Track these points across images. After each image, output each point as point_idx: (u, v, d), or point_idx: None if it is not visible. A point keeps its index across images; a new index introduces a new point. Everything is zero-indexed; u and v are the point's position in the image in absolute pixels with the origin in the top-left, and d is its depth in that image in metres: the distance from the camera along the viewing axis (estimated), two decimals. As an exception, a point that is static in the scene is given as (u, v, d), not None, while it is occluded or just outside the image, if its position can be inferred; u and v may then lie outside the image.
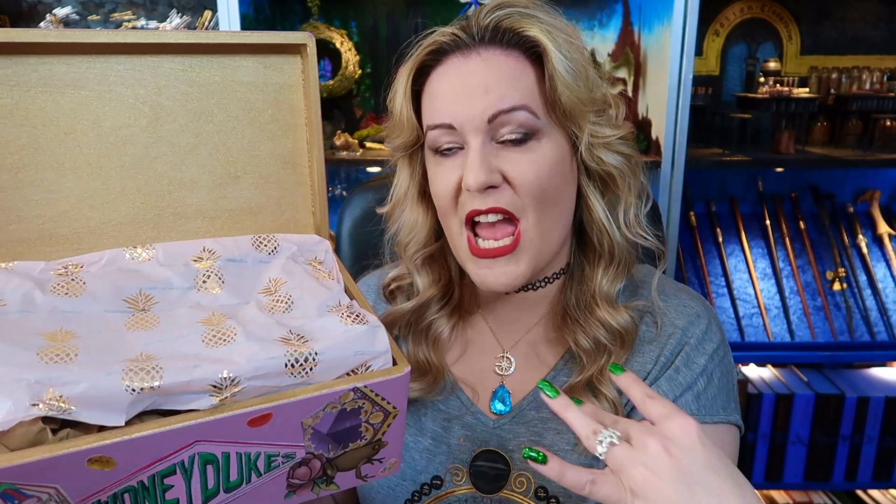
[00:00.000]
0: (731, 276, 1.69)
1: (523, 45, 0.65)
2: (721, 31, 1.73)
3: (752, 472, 1.67)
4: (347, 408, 0.50)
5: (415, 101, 0.69)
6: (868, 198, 1.79)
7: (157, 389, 0.43)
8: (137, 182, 0.57)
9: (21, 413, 0.39)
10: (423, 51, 0.67)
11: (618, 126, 0.68)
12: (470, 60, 0.65)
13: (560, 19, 0.67)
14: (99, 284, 0.53)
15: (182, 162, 0.58)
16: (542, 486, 0.70)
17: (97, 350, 0.45)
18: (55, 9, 1.73)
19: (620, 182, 0.68)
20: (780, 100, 1.54)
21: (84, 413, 0.41)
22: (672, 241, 1.48)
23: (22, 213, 0.53)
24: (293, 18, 1.69)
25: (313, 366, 0.47)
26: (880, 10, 1.71)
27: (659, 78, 1.46)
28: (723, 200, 1.81)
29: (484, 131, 0.64)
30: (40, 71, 0.52)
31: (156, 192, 0.58)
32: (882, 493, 1.75)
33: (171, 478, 0.45)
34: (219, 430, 0.45)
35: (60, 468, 0.40)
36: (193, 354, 0.47)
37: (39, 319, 0.48)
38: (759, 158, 1.56)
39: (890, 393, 1.61)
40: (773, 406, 1.62)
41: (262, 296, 0.56)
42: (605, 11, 1.69)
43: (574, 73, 0.63)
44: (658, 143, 1.46)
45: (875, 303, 1.66)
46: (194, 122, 0.57)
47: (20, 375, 0.41)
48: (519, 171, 0.64)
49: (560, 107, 0.64)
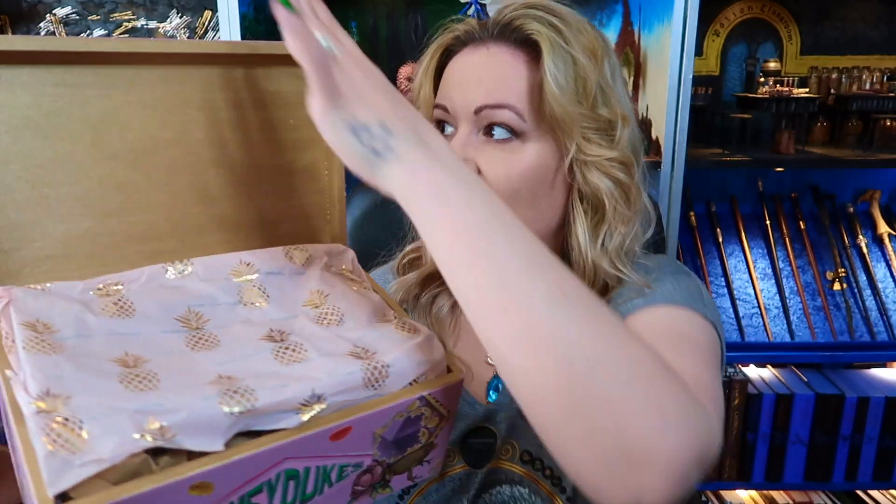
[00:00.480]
0: (731, 276, 1.69)
1: (528, 46, 0.66)
2: (721, 31, 1.73)
3: (752, 472, 1.67)
4: (412, 415, 0.51)
5: (437, 82, 0.73)
6: (868, 198, 1.79)
7: (254, 411, 0.42)
8: (162, 194, 0.56)
9: (129, 446, 0.38)
10: (448, 35, 0.72)
11: (618, 149, 0.67)
12: (478, 52, 0.68)
13: (586, 31, 0.67)
14: (146, 303, 0.51)
15: (206, 173, 0.57)
16: (526, 451, 0.71)
17: (174, 373, 0.45)
18: (55, 9, 1.73)
19: (608, 206, 0.68)
20: (780, 100, 1.54)
21: (186, 440, 0.40)
22: (672, 241, 1.48)
23: (47, 228, 0.51)
24: (293, 18, 1.69)
25: (385, 378, 0.48)
26: (880, 10, 1.71)
27: (659, 78, 1.46)
28: (723, 200, 1.81)
29: (472, 121, 0.66)
30: (67, 80, 0.50)
31: (180, 204, 0.57)
32: (882, 494, 1.75)
33: (258, 496, 0.45)
34: (305, 446, 0.45)
35: (164, 498, 0.39)
36: (272, 373, 0.47)
37: (99, 344, 0.46)
38: (759, 158, 1.56)
39: (890, 393, 1.61)
40: (773, 406, 1.62)
41: (308, 308, 0.56)
42: (605, 11, 1.69)
43: (568, 85, 0.63)
44: (658, 143, 1.46)
45: (875, 303, 1.66)
46: (219, 132, 0.56)
47: (115, 405, 0.39)
48: (491, 167, 0.65)
49: (548, 114, 0.64)
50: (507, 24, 0.67)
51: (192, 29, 1.75)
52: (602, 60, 0.66)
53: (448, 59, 0.71)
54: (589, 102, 0.65)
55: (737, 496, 1.80)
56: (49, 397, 0.39)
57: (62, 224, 0.52)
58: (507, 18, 0.67)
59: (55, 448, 0.37)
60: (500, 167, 0.65)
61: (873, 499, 1.76)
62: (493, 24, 0.68)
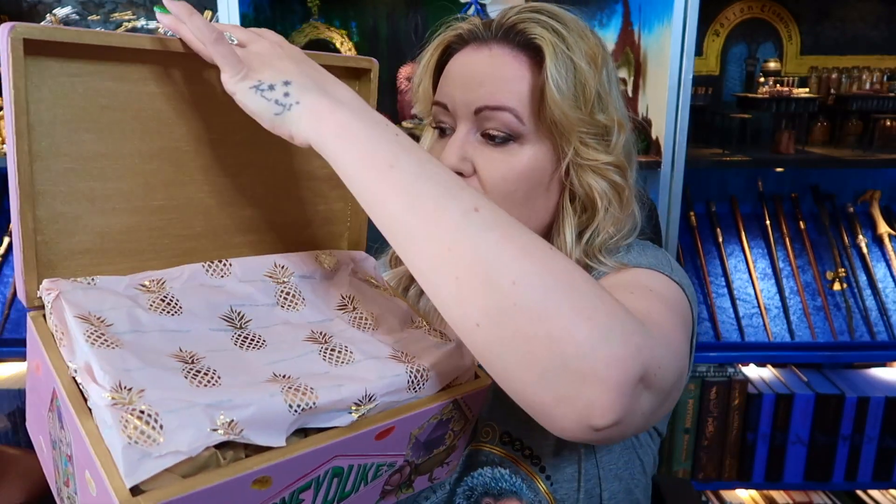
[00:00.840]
0: (731, 276, 1.69)
1: (531, 49, 0.66)
2: (721, 31, 1.73)
3: (752, 472, 1.67)
4: (444, 418, 0.53)
5: (436, 79, 0.73)
6: (868, 198, 1.79)
7: (314, 409, 0.44)
8: (202, 194, 0.57)
9: (204, 439, 0.39)
10: (451, 32, 0.71)
11: (614, 153, 0.68)
12: (481, 52, 0.68)
13: (588, 38, 0.68)
14: (192, 301, 0.52)
15: (242, 175, 0.58)
16: (506, 432, 0.72)
17: (231, 371, 0.45)
18: (55, 9, 1.73)
19: (600, 207, 0.69)
20: (780, 100, 1.54)
21: (253, 435, 0.41)
22: (672, 241, 1.48)
23: (88, 222, 0.51)
24: (293, 18, 1.69)
25: (426, 381, 0.50)
26: (880, 10, 1.71)
27: (659, 78, 1.46)
28: (723, 200, 1.81)
29: (471, 121, 0.67)
30: (125, 76, 0.50)
31: (215, 206, 0.58)
32: (882, 494, 1.75)
33: (306, 492, 0.46)
34: (354, 444, 0.47)
35: (228, 491, 0.40)
36: (324, 373, 0.48)
37: (155, 340, 0.47)
38: (759, 158, 1.56)
39: (890, 393, 1.61)
40: (773, 406, 1.62)
41: (340, 312, 0.57)
42: (605, 11, 1.69)
43: (568, 90, 0.64)
44: (658, 143, 1.46)
45: (875, 303, 1.66)
46: (258, 135, 0.57)
47: (188, 399, 0.40)
48: (488, 168, 0.66)
49: (547, 118, 0.65)
50: (511, 27, 0.67)
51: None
52: (601, 67, 0.67)
53: (449, 56, 0.71)
54: (588, 108, 0.66)
55: (737, 496, 1.80)
56: (122, 390, 0.40)
57: (103, 218, 0.52)
58: (511, 21, 0.67)
59: (133, 440, 0.37)
60: (497, 168, 0.66)
61: (873, 499, 1.76)
62: (497, 26, 0.68)
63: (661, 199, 1.46)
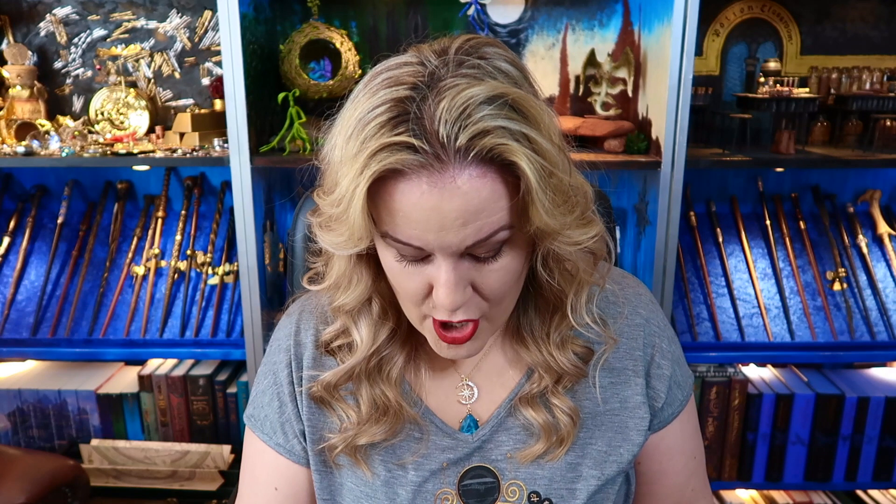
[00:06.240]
0: (731, 276, 1.69)
1: (498, 161, 0.56)
2: (721, 31, 1.73)
3: (752, 472, 1.67)
4: None
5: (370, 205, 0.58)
6: (868, 198, 1.79)
7: None
8: None
9: None
10: (383, 165, 0.54)
11: (592, 225, 0.64)
12: (444, 184, 0.55)
13: (536, 107, 0.56)
14: None
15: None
16: (534, 492, 0.71)
17: None
18: (55, 9, 1.73)
19: (580, 270, 0.67)
20: (780, 100, 1.53)
21: None
22: (672, 241, 1.48)
23: None
24: (293, 18, 1.69)
25: None
26: (880, 10, 1.71)
27: (659, 78, 1.46)
28: (723, 200, 1.81)
29: (456, 254, 0.59)
30: None
31: None
32: (882, 494, 1.75)
33: None
34: None
35: None
36: None
37: None
38: (759, 158, 1.56)
39: (890, 393, 1.61)
40: (773, 406, 1.62)
41: None
42: (605, 11, 1.69)
43: (551, 201, 0.57)
44: (658, 143, 1.46)
45: (875, 303, 1.66)
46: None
47: None
48: (489, 283, 0.62)
49: (532, 224, 0.58)
50: (469, 147, 0.54)
51: (191, 29, 1.75)
52: (554, 129, 0.58)
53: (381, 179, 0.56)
54: (569, 205, 0.60)
55: (737, 496, 1.81)
56: None
57: None
58: (466, 139, 0.54)
59: None
60: (497, 281, 0.62)
61: (873, 499, 1.76)
62: (454, 149, 0.54)
63: (661, 199, 1.46)
